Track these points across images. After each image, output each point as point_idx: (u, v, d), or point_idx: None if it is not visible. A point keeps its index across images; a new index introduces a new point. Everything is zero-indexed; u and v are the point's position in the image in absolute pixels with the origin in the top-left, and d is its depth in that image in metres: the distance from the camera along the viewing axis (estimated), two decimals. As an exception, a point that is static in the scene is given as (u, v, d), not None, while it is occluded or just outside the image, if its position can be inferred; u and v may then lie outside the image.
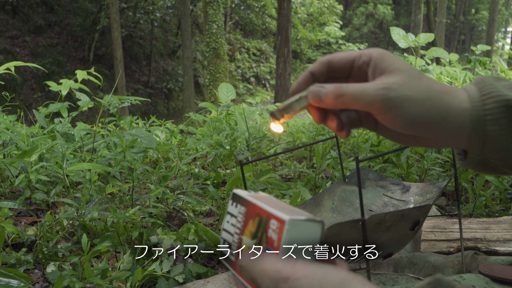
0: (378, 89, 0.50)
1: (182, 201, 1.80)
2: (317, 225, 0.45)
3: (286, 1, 11.67)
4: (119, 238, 1.45)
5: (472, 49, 4.96)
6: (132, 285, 1.26)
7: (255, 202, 0.49)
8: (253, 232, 0.48)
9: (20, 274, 1.07)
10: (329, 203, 1.41)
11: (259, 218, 0.47)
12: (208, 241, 1.51)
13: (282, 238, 0.43)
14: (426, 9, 13.45)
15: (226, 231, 0.52)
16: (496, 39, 20.61)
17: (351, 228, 0.91)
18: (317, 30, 25.41)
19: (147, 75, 19.15)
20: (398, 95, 0.50)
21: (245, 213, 0.50)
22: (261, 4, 22.56)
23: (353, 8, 30.13)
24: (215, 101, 10.42)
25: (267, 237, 0.45)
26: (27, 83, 15.47)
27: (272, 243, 0.45)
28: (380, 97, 0.50)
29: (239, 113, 3.03)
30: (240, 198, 0.52)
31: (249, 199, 0.51)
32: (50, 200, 1.88)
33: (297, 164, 2.33)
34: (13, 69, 2.32)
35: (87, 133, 2.61)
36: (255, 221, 0.48)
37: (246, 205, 0.51)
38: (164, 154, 2.71)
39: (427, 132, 0.52)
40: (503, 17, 32.54)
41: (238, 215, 0.51)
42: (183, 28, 14.47)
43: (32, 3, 17.24)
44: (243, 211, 0.51)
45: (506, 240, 1.42)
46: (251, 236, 0.48)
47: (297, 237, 0.44)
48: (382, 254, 1.12)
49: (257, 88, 22.71)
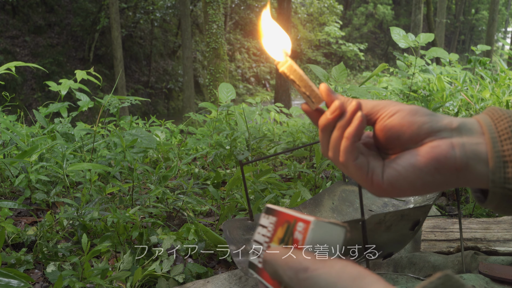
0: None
1: (182, 201, 1.80)
2: (340, 229, 0.47)
3: (286, 1, 11.68)
4: (119, 238, 1.45)
5: (472, 49, 4.96)
6: (132, 285, 1.26)
7: (286, 211, 0.52)
8: (281, 237, 0.50)
9: (20, 274, 1.07)
10: (329, 203, 1.41)
11: (287, 224, 0.50)
12: (208, 241, 1.51)
13: (306, 238, 0.46)
14: (426, 9, 13.45)
15: (257, 242, 0.55)
16: (496, 39, 20.61)
17: (351, 228, 0.91)
18: (317, 30, 25.42)
19: (147, 75, 19.15)
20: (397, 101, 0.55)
21: (275, 222, 0.52)
22: (261, 4, 22.56)
23: (353, 8, 30.13)
24: (215, 101, 10.42)
25: (293, 239, 0.48)
26: (27, 83, 15.47)
27: (297, 242, 0.47)
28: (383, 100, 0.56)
29: (239, 113, 3.03)
30: (272, 210, 0.54)
31: (280, 209, 0.53)
32: (50, 200, 1.88)
33: (297, 164, 2.33)
34: (13, 69, 2.32)
35: (87, 133, 2.61)
36: (284, 227, 0.50)
37: (277, 215, 0.53)
38: (164, 154, 2.71)
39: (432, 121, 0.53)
40: (503, 17, 32.54)
41: (269, 225, 0.54)
42: (183, 28, 14.47)
43: (32, 3, 17.24)
44: (273, 221, 0.53)
45: (506, 240, 1.42)
46: (278, 242, 0.50)
47: (320, 238, 0.46)
48: (382, 254, 1.12)
49: (257, 88, 22.71)
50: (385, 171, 0.55)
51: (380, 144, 0.57)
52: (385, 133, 0.55)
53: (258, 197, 1.83)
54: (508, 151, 0.49)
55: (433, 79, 4.60)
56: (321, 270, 0.43)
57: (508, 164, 0.49)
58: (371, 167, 0.56)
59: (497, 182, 0.50)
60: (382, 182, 0.55)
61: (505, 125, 0.50)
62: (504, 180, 0.50)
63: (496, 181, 0.50)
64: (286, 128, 3.66)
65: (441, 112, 3.82)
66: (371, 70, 25.27)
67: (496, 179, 0.50)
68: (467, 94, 4.09)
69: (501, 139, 0.50)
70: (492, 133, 0.51)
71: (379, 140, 0.57)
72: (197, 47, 20.90)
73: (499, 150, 0.50)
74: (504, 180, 0.50)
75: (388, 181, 0.54)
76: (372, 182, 0.55)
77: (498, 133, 0.51)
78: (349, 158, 0.55)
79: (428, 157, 0.52)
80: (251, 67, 23.37)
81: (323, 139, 0.58)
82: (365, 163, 0.55)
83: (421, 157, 0.53)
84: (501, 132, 0.50)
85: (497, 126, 0.51)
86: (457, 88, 4.25)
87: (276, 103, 4.37)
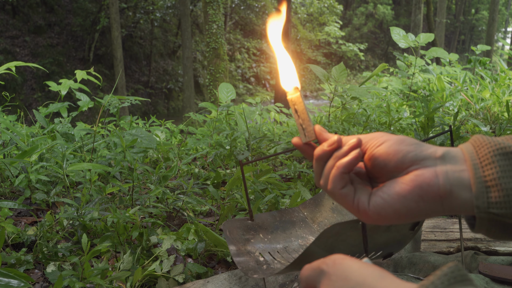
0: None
1: (182, 201, 1.80)
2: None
3: (286, 1, 11.66)
4: (119, 238, 1.45)
5: (472, 49, 4.96)
6: (132, 285, 1.26)
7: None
8: None
9: (20, 274, 1.07)
10: (329, 203, 1.41)
11: None
12: (208, 241, 1.51)
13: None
14: (426, 9, 13.46)
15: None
16: (496, 39, 20.60)
17: (351, 228, 0.91)
18: (317, 30, 25.41)
19: (147, 75, 19.15)
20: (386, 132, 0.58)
21: None
22: (261, 4, 22.57)
23: (353, 8, 30.12)
24: (215, 101, 10.42)
25: None
26: (27, 83, 15.47)
27: None
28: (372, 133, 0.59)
29: (239, 113, 3.03)
30: None
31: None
32: (50, 200, 1.88)
33: (297, 164, 2.33)
34: (13, 69, 2.32)
35: (87, 133, 2.61)
36: None
37: None
38: (164, 154, 2.71)
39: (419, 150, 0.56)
40: (503, 17, 32.54)
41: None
42: (183, 28, 14.47)
43: (32, 3, 17.24)
44: None
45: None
46: None
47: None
48: (382, 254, 1.12)
49: (257, 88, 22.70)
50: (371, 199, 0.57)
51: (369, 173, 0.60)
52: (373, 162, 0.58)
53: (258, 197, 1.83)
54: (490, 176, 0.51)
55: (433, 79, 4.60)
56: (348, 261, 0.43)
57: (491, 189, 0.51)
58: (357, 195, 0.58)
59: (481, 207, 0.51)
60: (368, 210, 0.57)
61: (486, 151, 0.52)
62: (487, 205, 0.51)
63: (481, 207, 0.51)
64: (286, 128, 3.66)
65: (441, 112, 3.81)
66: (371, 70, 25.27)
67: (480, 205, 0.51)
68: (467, 94, 4.09)
69: (482, 165, 0.52)
70: (473, 160, 0.53)
71: (368, 169, 0.59)
72: (197, 47, 20.90)
73: (481, 176, 0.51)
74: (488, 205, 0.51)
75: (374, 209, 0.56)
76: (358, 210, 0.58)
77: (479, 159, 0.52)
78: (335, 187, 0.57)
79: (412, 185, 0.54)
80: (251, 67, 23.37)
81: (316, 169, 0.61)
82: (351, 192, 0.58)
83: (405, 185, 0.54)
84: (482, 158, 0.52)
85: (478, 153, 0.53)
86: (457, 88, 4.25)
87: (276, 103, 4.37)
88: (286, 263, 1.15)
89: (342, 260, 0.44)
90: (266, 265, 1.13)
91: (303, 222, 1.36)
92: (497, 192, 0.51)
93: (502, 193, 0.50)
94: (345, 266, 0.43)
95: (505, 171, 0.51)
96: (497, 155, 0.52)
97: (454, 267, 0.39)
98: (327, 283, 0.44)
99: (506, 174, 0.50)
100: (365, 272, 0.42)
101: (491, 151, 0.52)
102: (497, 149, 0.52)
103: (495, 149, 0.52)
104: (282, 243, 1.27)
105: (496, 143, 0.52)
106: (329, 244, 0.91)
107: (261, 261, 1.15)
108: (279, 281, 1.28)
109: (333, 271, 0.44)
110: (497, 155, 0.52)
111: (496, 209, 0.51)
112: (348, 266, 0.43)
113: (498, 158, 0.51)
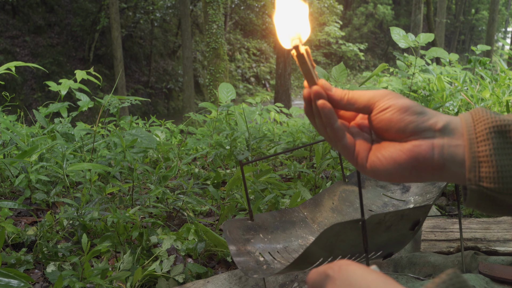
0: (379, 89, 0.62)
1: (182, 201, 1.80)
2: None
3: None
4: (119, 238, 1.45)
5: (472, 49, 4.96)
6: (132, 285, 1.26)
7: None
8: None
9: (20, 274, 1.07)
10: (329, 203, 1.41)
11: None
12: (208, 241, 1.51)
13: None
14: (426, 9, 13.45)
15: None
16: (496, 39, 20.60)
17: (351, 228, 0.91)
18: (317, 30, 25.40)
19: (147, 75, 19.14)
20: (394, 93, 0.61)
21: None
22: (261, 4, 22.56)
23: (353, 8, 30.11)
24: (215, 101, 10.42)
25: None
26: (27, 83, 15.47)
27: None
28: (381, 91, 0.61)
29: (239, 113, 3.03)
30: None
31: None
32: (50, 200, 1.88)
33: (297, 164, 2.33)
34: (13, 69, 2.32)
35: (87, 133, 2.61)
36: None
37: None
38: (164, 154, 2.71)
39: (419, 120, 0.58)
40: (503, 17, 32.52)
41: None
42: (183, 28, 14.47)
43: (32, 3, 17.23)
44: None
45: (506, 240, 1.42)
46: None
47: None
48: (382, 254, 1.12)
49: (257, 88, 22.70)
50: (370, 157, 0.61)
51: (372, 128, 0.63)
52: (376, 124, 0.61)
53: (258, 197, 1.83)
54: (483, 152, 0.55)
55: (433, 79, 4.60)
56: (354, 266, 0.44)
57: (482, 164, 0.55)
58: (357, 149, 0.62)
59: (472, 180, 0.56)
60: (365, 165, 0.62)
61: (483, 127, 0.55)
62: (478, 179, 0.55)
63: (472, 179, 0.56)
64: (286, 128, 3.66)
65: (441, 112, 3.80)
66: (371, 70, 25.26)
67: (472, 178, 0.56)
68: (467, 94, 4.09)
69: (477, 140, 0.55)
70: (470, 134, 0.56)
71: (372, 126, 0.63)
72: (197, 47, 20.90)
73: (475, 151, 0.55)
74: (479, 178, 0.55)
75: (370, 166, 0.61)
76: (357, 163, 0.62)
77: (475, 134, 0.56)
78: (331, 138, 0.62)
79: (408, 155, 0.58)
80: (251, 67, 23.36)
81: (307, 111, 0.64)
82: (352, 145, 0.62)
83: (402, 154, 0.59)
84: (478, 134, 0.56)
85: (476, 127, 0.56)
86: (457, 88, 4.25)
87: (276, 103, 4.37)
88: (286, 263, 1.15)
89: (348, 266, 0.45)
90: (266, 265, 1.13)
91: (303, 222, 1.36)
92: (488, 168, 0.54)
93: (493, 169, 0.54)
94: (350, 272, 0.44)
95: (498, 148, 0.54)
96: (492, 132, 0.55)
97: (452, 274, 0.39)
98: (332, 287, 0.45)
99: (499, 151, 0.54)
100: (369, 279, 0.43)
101: (487, 128, 0.55)
102: (493, 126, 0.55)
103: (491, 126, 0.55)
104: (282, 243, 1.27)
105: (493, 120, 0.55)
106: (329, 244, 0.91)
107: (261, 261, 1.15)
108: (279, 281, 1.28)
109: (338, 276, 0.45)
110: (493, 132, 0.55)
111: (487, 182, 0.55)
112: (353, 272, 0.44)
113: (493, 135, 0.55)
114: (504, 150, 0.54)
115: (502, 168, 0.54)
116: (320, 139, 2.78)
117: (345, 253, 0.98)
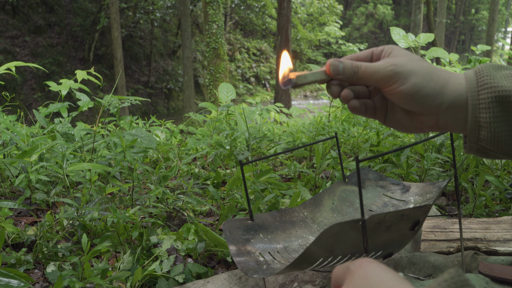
0: (387, 66, 0.65)
1: (182, 201, 1.80)
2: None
3: (286, 1, 11.67)
4: (119, 238, 1.45)
5: (472, 49, 4.96)
6: (132, 285, 1.26)
7: None
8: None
9: (20, 274, 1.07)
10: (329, 203, 1.41)
11: None
12: (208, 241, 1.51)
13: None
14: (426, 9, 13.45)
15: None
16: (496, 39, 20.60)
17: (351, 228, 0.91)
18: (317, 30, 25.40)
19: (147, 75, 19.14)
20: (403, 70, 0.64)
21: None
22: (261, 4, 22.57)
23: (353, 8, 30.10)
24: (215, 101, 10.42)
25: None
26: (27, 83, 15.47)
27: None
28: (390, 71, 0.65)
29: (239, 113, 3.03)
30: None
31: None
32: (50, 200, 1.88)
33: (297, 164, 2.33)
34: (13, 69, 2.32)
35: (87, 133, 2.61)
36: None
37: None
38: (164, 154, 2.71)
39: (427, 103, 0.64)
40: (503, 17, 32.51)
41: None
42: (183, 28, 14.48)
43: (32, 3, 17.24)
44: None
45: (506, 240, 1.42)
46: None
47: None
48: (382, 254, 1.12)
49: (257, 88, 22.70)
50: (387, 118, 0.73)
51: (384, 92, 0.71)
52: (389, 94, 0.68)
53: (258, 197, 1.83)
54: (483, 119, 0.62)
55: (433, 79, 4.60)
56: (374, 263, 0.46)
57: (482, 129, 0.63)
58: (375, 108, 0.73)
59: (472, 140, 0.65)
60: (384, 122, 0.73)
61: (486, 95, 0.62)
62: (477, 139, 0.64)
63: (472, 139, 0.65)
64: (286, 128, 3.66)
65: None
66: (371, 70, 25.18)
67: (471, 138, 0.65)
68: (467, 94, 4.07)
69: (480, 107, 0.62)
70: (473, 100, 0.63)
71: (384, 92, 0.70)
72: (197, 47, 20.90)
73: (477, 116, 0.63)
74: (478, 139, 0.64)
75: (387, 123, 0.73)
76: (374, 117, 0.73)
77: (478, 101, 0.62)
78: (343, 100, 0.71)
79: (415, 127, 0.70)
80: (251, 67, 23.36)
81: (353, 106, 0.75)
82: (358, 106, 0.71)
83: (410, 125, 0.70)
84: (481, 101, 0.62)
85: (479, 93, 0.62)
86: (457, 88, 4.24)
87: (276, 103, 4.37)
88: (286, 263, 1.15)
89: (368, 263, 0.47)
90: (266, 265, 1.13)
91: (303, 222, 1.36)
92: (487, 132, 0.62)
93: (490, 134, 0.62)
94: (369, 268, 0.46)
95: (496, 116, 0.61)
96: (493, 102, 0.61)
97: (454, 273, 0.40)
98: (350, 279, 0.47)
99: (498, 119, 0.61)
100: (385, 276, 0.44)
101: (490, 97, 0.61)
102: (495, 97, 0.61)
103: (494, 95, 0.61)
104: (282, 243, 1.27)
105: (497, 89, 0.61)
106: (329, 244, 0.91)
107: (261, 261, 1.15)
108: (279, 281, 1.28)
109: (358, 270, 0.47)
110: (494, 101, 0.61)
111: (484, 143, 0.64)
112: (372, 269, 0.46)
113: (494, 104, 0.61)
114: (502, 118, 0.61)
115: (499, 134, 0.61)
116: (320, 139, 2.78)
117: (345, 253, 0.98)
